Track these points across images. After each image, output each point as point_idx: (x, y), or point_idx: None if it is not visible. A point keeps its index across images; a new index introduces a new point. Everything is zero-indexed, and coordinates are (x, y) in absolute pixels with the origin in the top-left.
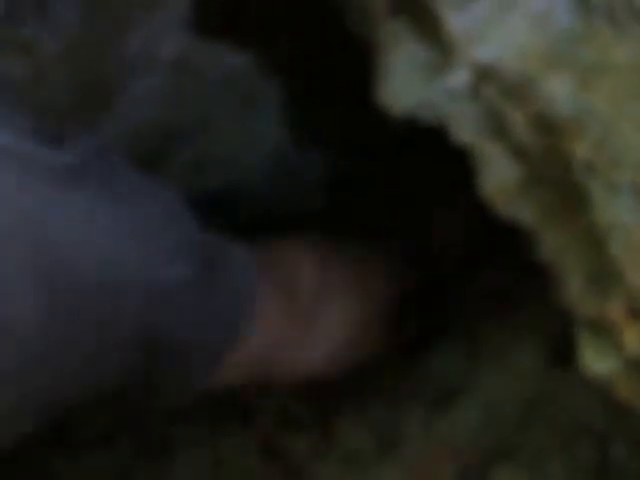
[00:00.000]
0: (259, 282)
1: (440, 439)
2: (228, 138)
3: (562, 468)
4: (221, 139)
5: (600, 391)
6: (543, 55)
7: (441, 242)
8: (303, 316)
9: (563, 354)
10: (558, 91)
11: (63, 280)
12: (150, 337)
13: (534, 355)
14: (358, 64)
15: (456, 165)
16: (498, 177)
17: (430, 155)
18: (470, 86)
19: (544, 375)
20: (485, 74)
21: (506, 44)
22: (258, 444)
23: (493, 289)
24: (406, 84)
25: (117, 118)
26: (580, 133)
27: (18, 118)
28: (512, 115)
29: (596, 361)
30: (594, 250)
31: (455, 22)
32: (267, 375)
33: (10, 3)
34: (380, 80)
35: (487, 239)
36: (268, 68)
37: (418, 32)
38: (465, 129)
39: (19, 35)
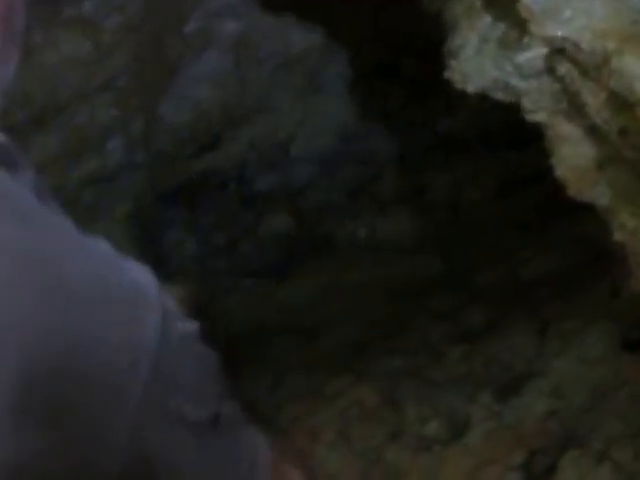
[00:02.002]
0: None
1: (508, 425)
2: (290, 117)
3: (632, 455)
4: (283, 118)
5: None
6: (620, 33)
7: None
8: None
9: (633, 339)
10: (635, 69)
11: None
12: (146, 466)
13: (604, 340)
14: (426, 42)
15: None
16: (573, 157)
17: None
18: (545, 63)
19: (614, 360)
20: (560, 51)
21: (582, 21)
22: None
23: (561, 274)
24: (479, 61)
25: (177, 97)
26: None
27: None
28: (588, 93)
29: None
30: None
31: None
32: None
33: None
34: (452, 57)
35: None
36: (335, 46)
37: (492, 8)
38: (539, 108)
39: (83, 14)
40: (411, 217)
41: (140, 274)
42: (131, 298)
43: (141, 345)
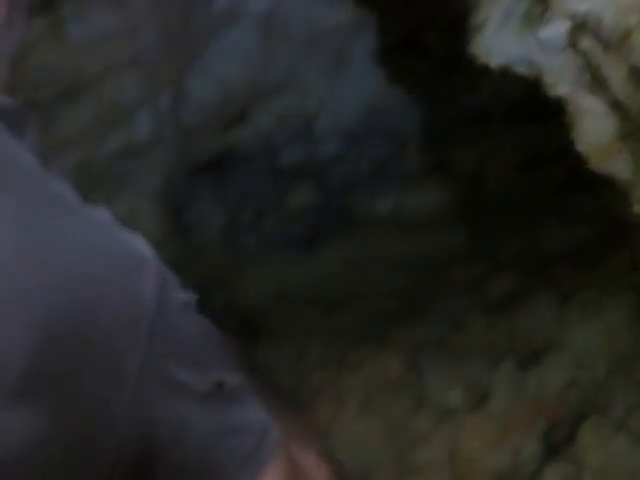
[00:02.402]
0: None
1: (530, 394)
2: (316, 92)
3: None
4: (309, 93)
5: None
6: None
7: None
8: None
9: None
10: None
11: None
12: (144, 434)
13: (624, 311)
14: (452, 17)
15: None
16: (594, 130)
17: None
18: (567, 38)
19: (633, 331)
20: (582, 26)
21: None
22: None
23: (582, 246)
24: (501, 36)
25: (204, 72)
26: None
27: None
28: (610, 68)
29: None
30: None
31: None
32: None
33: None
34: (476, 33)
35: (573, 197)
36: (361, 22)
37: None
38: (561, 82)
39: None
40: (435, 191)
41: (138, 242)
42: (130, 263)
43: (141, 305)
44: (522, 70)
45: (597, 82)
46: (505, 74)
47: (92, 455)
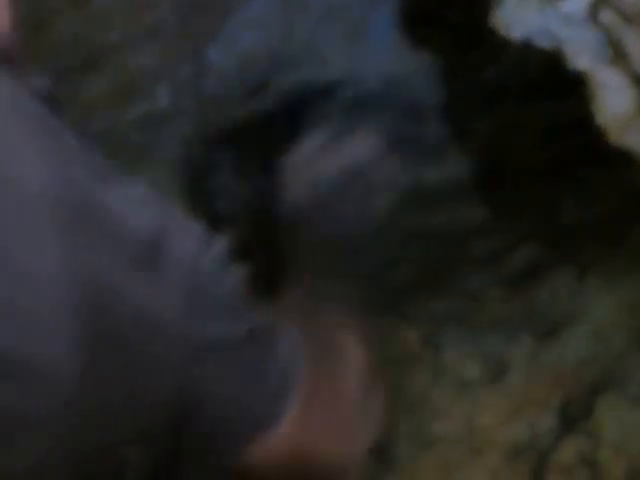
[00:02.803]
0: (304, 373)
1: (547, 368)
2: (336, 63)
3: None
4: (328, 64)
5: None
6: None
7: None
8: (347, 417)
9: None
10: None
11: (104, 323)
12: (187, 393)
13: None
14: None
15: None
16: (614, 104)
17: None
18: (588, 12)
19: None
20: (603, 0)
21: None
22: None
23: (601, 220)
24: (522, 9)
25: (224, 42)
26: None
27: None
28: (630, 42)
29: None
30: None
31: None
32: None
33: None
34: (496, 5)
35: (592, 170)
36: None
37: None
38: (581, 55)
39: None
40: (453, 163)
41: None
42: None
43: (179, 264)
44: (542, 43)
45: (617, 56)
46: (525, 47)
47: (141, 405)
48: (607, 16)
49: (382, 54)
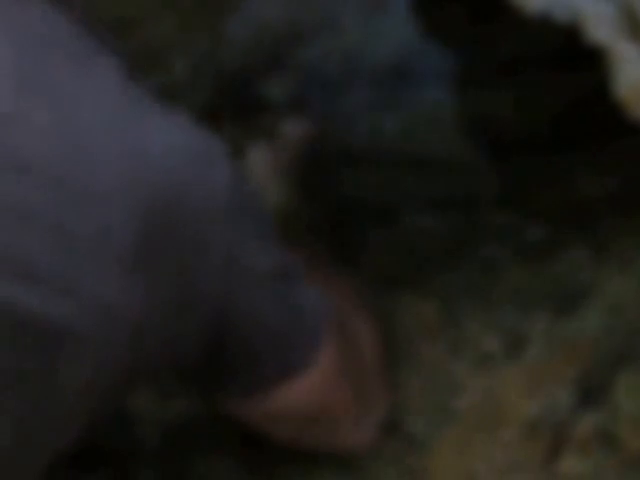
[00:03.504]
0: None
1: (564, 342)
2: (354, 36)
3: None
4: (347, 37)
5: None
6: None
7: None
8: (363, 393)
9: None
10: None
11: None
12: (225, 317)
13: None
14: None
15: None
16: (632, 77)
17: None
18: None
19: None
20: None
21: None
22: None
23: (619, 194)
24: None
25: (242, 14)
26: None
27: None
28: None
29: None
30: None
31: None
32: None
33: None
34: None
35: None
36: None
37: None
38: (601, 29)
39: None
40: (472, 135)
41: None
42: (207, 159)
43: (218, 197)
44: (560, 16)
45: (636, 29)
46: (543, 21)
47: (183, 324)
48: None
49: (399, 27)
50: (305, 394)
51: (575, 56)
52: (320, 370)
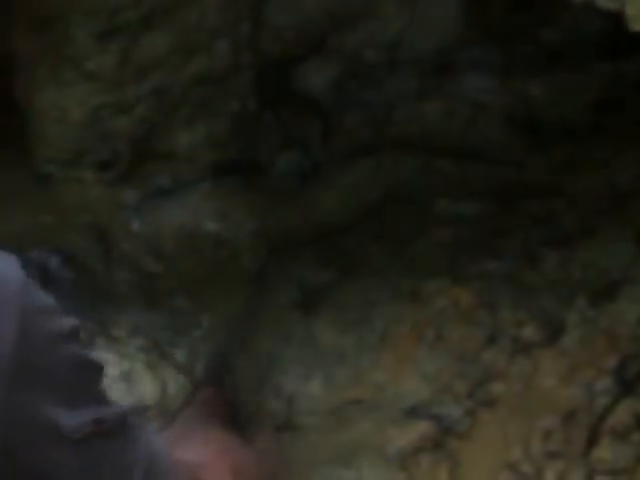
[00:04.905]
0: None
1: (603, 330)
2: (396, 24)
3: None
4: (387, 24)
5: None
6: None
7: None
8: None
9: None
10: None
11: None
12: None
13: None
14: None
15: None
16: None
17: None
18: None
19: None
20: None
21: None
22: None
23: None
24: None
25: (283, 0)
26: None
27: None
28: None
29: None
30: None
31: None
32: None
33: None
34: None
35: None
36: None
37: None
38: None
39: None
40: (511, 123)
41: (5, 265)
42: None
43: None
44: (603, 3)
45: None
46: (585, 7)
47: None
48: None
49: (440, 15)
50: None
51: (617, 44)
52: None
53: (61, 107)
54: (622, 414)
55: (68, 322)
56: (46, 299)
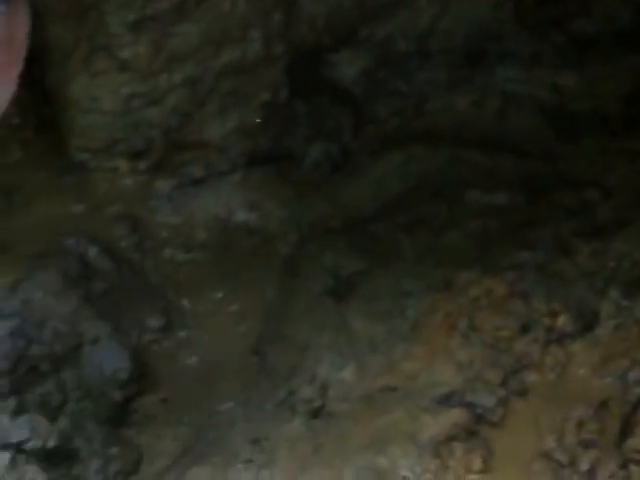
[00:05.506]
0: None
1: (636, 320)
2: (428, 14)
3: None
4: (421, 15)
5: None
6: None
7: None
8: None
9: None
10: None
11: None
12: None
13: None
14: None
15: None
16: None
17: None
18: None
19: None
20: None
21: None
22: None
23: None
24: None
25: None
26: None
27: None
28: None
29: None
30: None
31: None
32: None
33: None
34: None
35: None
36: None
37: None
38: None
39: None
40: (542, 114)
41: None
42: None
43: None
44: None
45: None
46: None
47: None
48: None
49: (473, 4)
50: None
51: None
52: None
53: (94, 96)
54: None
55: None
56: None
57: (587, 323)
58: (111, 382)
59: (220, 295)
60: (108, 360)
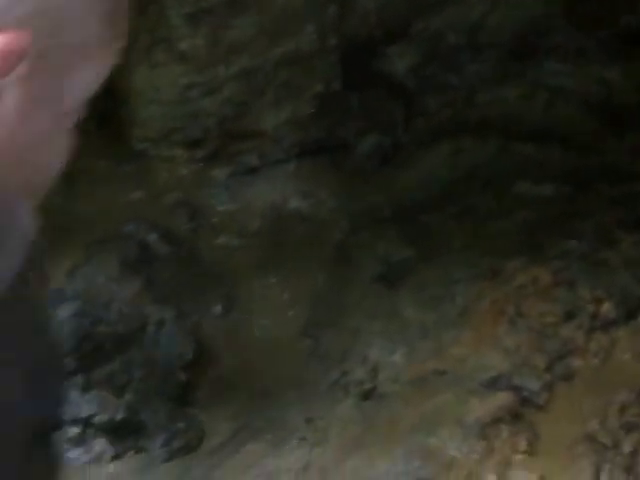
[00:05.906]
0: None
1: None
2: (478, 8)
3: None
4: (469, 10)
5: None
6: None
7: None
8: None
9: None
10: None
11: None
12: None
13: None
14: None
15: None
16: None
17: None
18: None
19: None
20: None
21: None
22: None
23: None
24: None
25: None
26: None
27: None
28: None
29: None
30: None
31: None
32: None
33: None
34: None
35: None
36: None
37: None
38: None
39: None
40: (589, 107)
41: None
42: None
43: None
44: None
45: None
46: None
47: None
48: None
49: (522, 1)
50: None
51: None
52: None
53: (154, 87)
54: None
55: None
56: None
57: (630, 310)
58: (176, 363)
59: (274, 280)
60: (173, 342)
